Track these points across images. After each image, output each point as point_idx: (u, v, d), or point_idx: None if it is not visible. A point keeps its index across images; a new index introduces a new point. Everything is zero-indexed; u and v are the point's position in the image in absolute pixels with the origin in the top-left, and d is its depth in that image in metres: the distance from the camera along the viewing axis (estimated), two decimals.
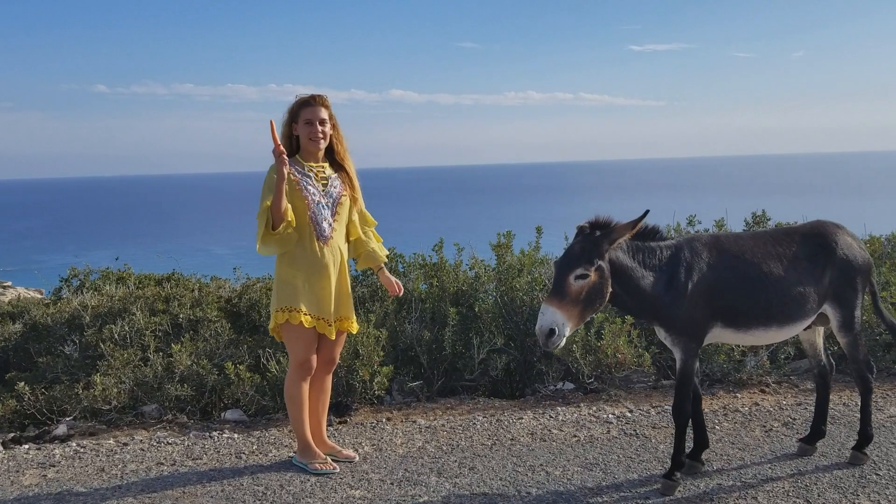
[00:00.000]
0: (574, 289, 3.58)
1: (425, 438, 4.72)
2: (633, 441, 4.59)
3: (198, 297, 6.50)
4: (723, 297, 3.83)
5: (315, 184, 4.12)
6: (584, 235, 3.69)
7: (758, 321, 3.90)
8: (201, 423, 5.21)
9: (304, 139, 4.14)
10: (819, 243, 4.04)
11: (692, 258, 3.82)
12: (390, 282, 4.43)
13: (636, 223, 3.71)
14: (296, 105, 4.13)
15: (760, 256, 3.92)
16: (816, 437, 4.34)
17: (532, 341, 5.89)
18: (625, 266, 3.73)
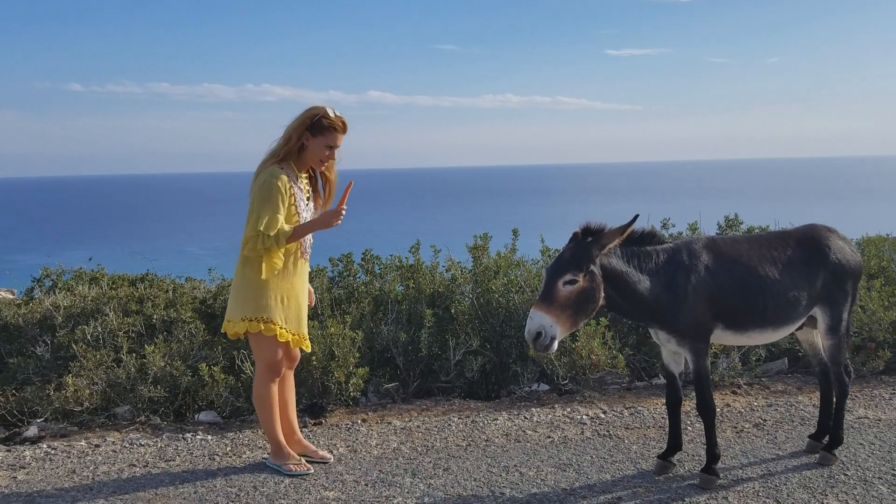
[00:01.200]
0: (562, 294, 3.62)
1: (400, 440, 4.73)
2: (607, 442, 4.63)
3: (172, 298, 6.44)
4: (723, 299, 3.89)
5: (303, 199, 4.08)
6: (575, 242, 3.73)
7: (754, 323, 3.98)
8: (175, 424, 5.18)
9: (314, 157, 4.04)
10: (812, 247, 4.13)
11: (691, 261, 3.88)
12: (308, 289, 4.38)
13: (625, 228, 3.75)
14: (325, 122, 3.98)
15: (757, 259, 4.00)
16: (824, 435, 4.41)
17: (508, 343, 5.91)
18: (619, 271, 3.77)
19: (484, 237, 6.27)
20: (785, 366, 6.23)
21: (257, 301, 3.97)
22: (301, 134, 4.00)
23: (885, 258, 6.96)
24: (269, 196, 3.86)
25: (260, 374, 4.13)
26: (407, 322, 5.90)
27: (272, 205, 3.86)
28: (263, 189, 3.88)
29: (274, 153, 4.02)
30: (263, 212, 3.85)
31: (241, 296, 4.01)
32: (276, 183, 3.87)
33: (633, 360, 6.03)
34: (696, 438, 4.64)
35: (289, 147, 4.00)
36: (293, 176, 4.02)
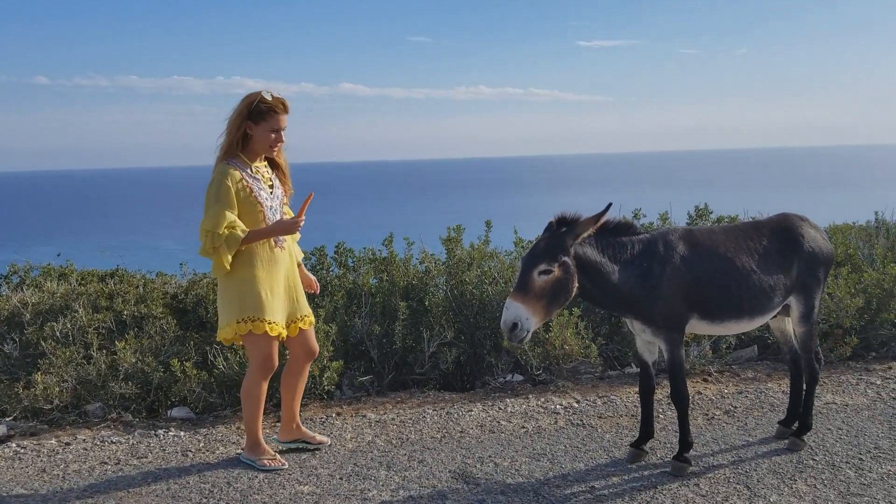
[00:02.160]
0: (538, 284, 3.63)
1: (375, 432, 4.73)
2: (580, 431, 4.67)
3: (143, 294, 6.37)
4: (699, 290, 3.92)
5: (264, 187, 4.02)
6: (549, 232, 3.75)
7: (730, 313, 4.02)
8: (147, 421, 5.13)
9: (262, 144, 3.98)
10: (786, 237, 4.18)
11: (666, 252, 3.89)
12: (308, 279, 4.42)
13: (599, 217, 3.77)
14: (263, 106, 3.91)
15: (733, 250, 4.03)
16: (794, 420, 4.46)
17: (482, 334, 5.93)
18: (592, 261, 3.78)
19: (457, 229, 6.27)
20: (755, 353, 6.32)
21: (243, 301, 3.92)
22: (241, 124, 3.94)
23: (852, 246, 7.08)
24: (218, 195, 3.84)
25: (252, 371, 4.09)
26: (381, 315, 5.89)
27: (221, 203, 3.83)
28: (212, 188, 3.87)
29: (222, 150, 3.98)
30: (212, 211, 3.84)
31: (226, 300, 3.99)
32: (225, 181, 3.85)
33: (606, 350, 6.08)
34: (668, 426, 4.70)
35: (232, 140, 3.94)
36: (245, 168, 3.97)
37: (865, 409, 4.88)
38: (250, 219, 3.94)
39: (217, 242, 3.82)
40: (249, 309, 3.92)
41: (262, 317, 3.93)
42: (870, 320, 6.16)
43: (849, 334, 6.01)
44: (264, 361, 4.05)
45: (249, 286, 3.92)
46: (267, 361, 4.06)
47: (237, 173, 3.91)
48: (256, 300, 3.92)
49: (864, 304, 6.09)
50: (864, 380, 5.50)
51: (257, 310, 3.92)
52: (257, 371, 4.08)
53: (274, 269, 4.02)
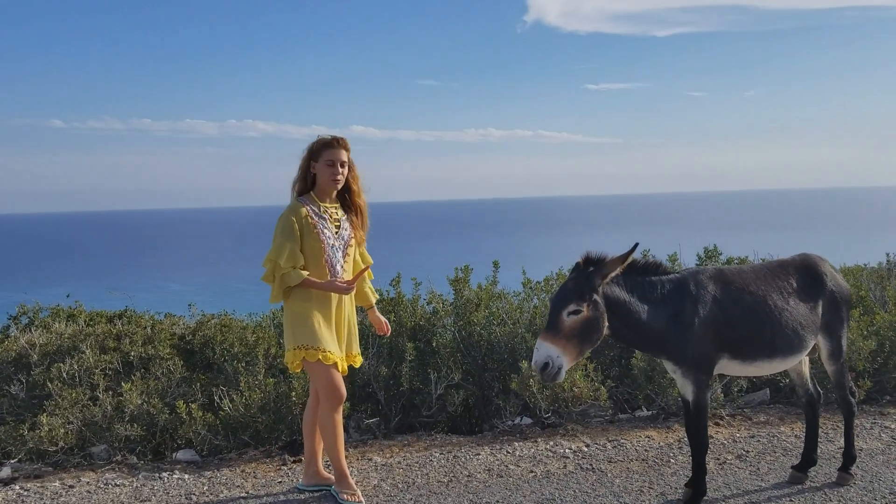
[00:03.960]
0: (567, 324, 3.64)
1: (381, 476, 4.66)
2: (590, 476, 4.60)
3: (150, 335, 6.37)
4: (730, 329, 3.92)
5: (329, 226, 4.24)
6: (577, 272, 3.76)
7: (763, 353, 4.02)
8: (152, 463, 5.08)
9: (325, 179, 4.24)
10: (810, 276, 4.21)
11: (698, 291, 3.90)
12: (379, 321, 4.63)
13: (626, 257, 3.78)
14: (318, 145, 4.22)
15: (763, 290, 4.05)
16: (808, 465, 4.43)
17: (490, 376, 5.88)
18: (621, 300, 3.79)
19: (465, 269, 6.26)
20: (767, 396, 6.23)
21: (297, 331, 4.14)
22: (307, 165, 4.26)
23: (864, 287, 7.02)
24: (284, 228, 4.11)
25: (322, 402, 4.23)
26: (388, 356, 5.86)
27: (286, 236, 4.10)
28: (280, 222, 4.16)
29: (295, 189, 4.31)
30: (277, 242, 4.11)
31: (286, 330, 4.22)
32: (291, 216, 4.13)
33: (616, 393, 6.01)
34: (679, 471, 4.61)
35: (301, 180, 4.28)
36: (314, 206, 4.22)
37: (880, 454, 4.79)
38: (311, 253, 4.16)
39: (277, 272, 4.07)
40: (303, 338, 4.12)
41: (316, 346, 4.10)
42: (883, 363, 6.08)
43: (862, 377, 5.92)
44: (329, 390, 4.17)
45: (303, 318, 4.14)
46: (332, 389, 4.18)
47: (304, 210, 4.17)
48: (309, 330, 4.12)
49: (877, 346, 6.02)
50: (878, 424, 5.41)
51: (310, 339, 4.11)
52: (325, 402, 4.21)
53: (328, 303, 4.21)
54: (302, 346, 4.11)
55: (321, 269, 4.17)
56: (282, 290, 4.10)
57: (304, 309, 4.14)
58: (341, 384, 4.21)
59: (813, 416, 4.46)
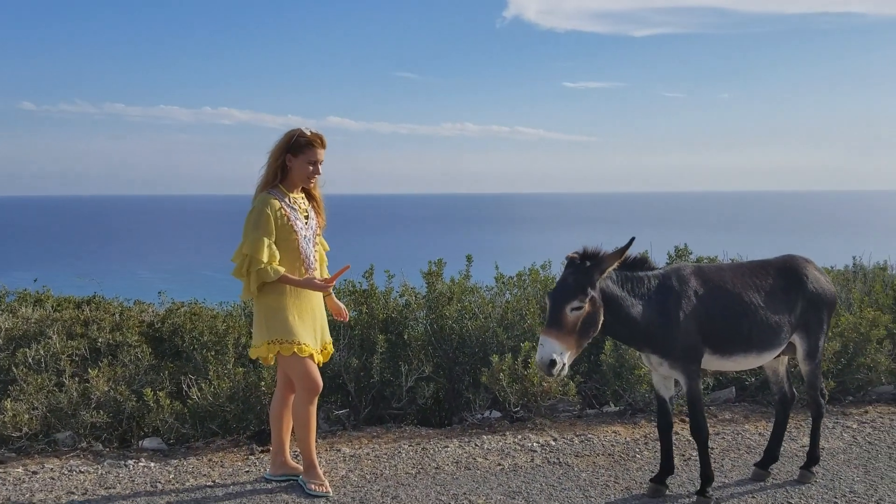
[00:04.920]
0: (570, 319, 3.66)
1: (349, 467, 4.67)
2: (556, 469, 4.64)
3: (118, 321, 6.30)
4: (711, 324, 4.00)
5: (301, 217, 4.22)
6: (574, 266, 3.77)
7: (740, 348, 4.10)
8: (118, 451, 5.03)
9: (300, 175, 4.22)
10: (791, 277, 4.30)
11: (681, 286, 3.98)
12: (338, 307, 4.56)
13: (623, 251, 3.83)
14: (302, 140, 4.17)
15: (741, 287, 4.14)
16: (770, 462, 4.52)
17: (461, 369, 5.90)
18: (615, 295, 3.84)
19: (438, 263, 6.26)
20: (732, 395, 6.32)
21: (271, 325, 4.11)
22: (281, 156, 4.19)
23: None
24: (258, 222, 4.06)
25: (298, 392, 4.22)
26: (359, 348, 5.85)
27: (261, 230, 4.04)
28: (252, 216, 4.09)
29: (263, 180, 4.23)
30: (251, 237, 4.04)
31: (257, 323, 4.19)
32: (265, 210, 4.07)
33: (584, 388, 6.06)
34: (645, 466, 4.67)
35: (273, 171, 4.20)
36: (284, 198, 4.19)
37: (841, 454, 4.88)
38: (285, 245, 4.13)
39: (253, 267, 4.02)
40: (277, 331, 4.10)
41: (291, 339, 4.09)
42: (846, 364, 6.19)
43: (826, 378, 6.03)
44: (306, 382, 4.16)
45: (277, 311, 4.11)
46: (309, 381, 4.17)
47: (276, 202, 4.13)
48: (284, 324, 4.10)
49: (841, 348, 6.13)
50: (840, 423, 5.51)
51: (285, 332, 4.09)
52: (302, 392, 4.20)
53: (302, 296, 4.19)
54: (276, 340, 4.09)
55: (296, 262, 4.16)
56: (256, 286, 4.06)
57: (277, 302, 4.11)
58: (318, 376, 4.21)
59: (783, 414, 4.56)
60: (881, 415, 5.72)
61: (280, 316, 4.10)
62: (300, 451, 4.31)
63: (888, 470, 4.56)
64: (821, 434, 4.53)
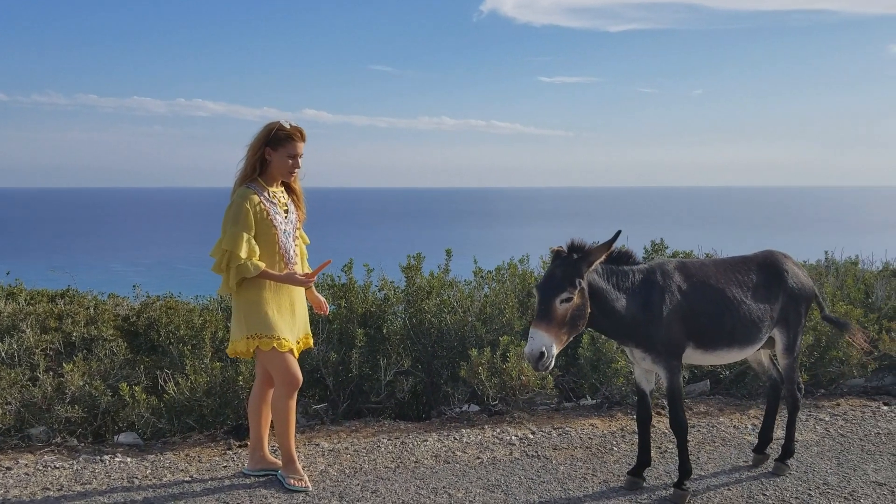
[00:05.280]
0: (560, 312, 3.67)
1: (328, 461, 4.66)
2: (535, 462, 4.66)
3: (93, 315, 6.23)
4: (694, 319, 4.04)
5: (280, 211, 4.18)
6: (562, 259, 3.78)
7: (722, 342, 4.16)
8: (93, 446, 4.98)
9: (280, 169, 4.17)
10: (772, 272, 4.36)
11: (665, 281, 4.01)
12: (318, 300, 4.52)
13: (610, 244, 3.84)
14: (282, 134, 4.11)
15: (724, 282, 4.19)
16: (765, 445, 4.63)
17: (440, 363, 5.91)
18: (600, 288, 3.86)
19: (417, 257, 6.26)
20: (707, 387, 6.39)
21: (250, 320, 4.07)
22: (260, 150, 4.13)
23: None
24: (237, 217, 4.01)
25: (278, 387, 4.18)
26: (338, 342, 5.84)
27: (240, 225, 4.00)
28: (231, 210, 4.04)
29: (241, 174, 4.17)
30: (231, 232, 4.00)
31: (236, 318, 4.15)
32: (244, 204, 4.02)
33: (562, 382, 6.10)
34: (622, 458, 4.71)
35: (252, 164, 4.15)
36: (263, 192, 4.14)
37: (815, 446, 4.96)
38: (265, 240, 4.08)
39: (232, 263, 3.98)
40: (256, 326, 4.06)
41: (270, 334, 4.05)
42: (819, 357, 6.29)
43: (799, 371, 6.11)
44: (285, 376, 4.14)
45: (256, 306, 4.06)
46: (289, 376, 4.14)
47: (256, 197, 4.08)
48: (263, 318, 4.06)
49: (814, 341, 6.22)
50: (813, 416, 5.59)
51: (264, 327, 4.06)
52: (281, 387, 4.16)
53: (281, 290, 4.15)
54: (255, 334, 4.06)
55: (275, 257, 4.12)
56: (236, 281, 4.02)
57: (256, 297, 4.08)
58: (297, 370, 4.19)
59: (774, 399, 4.66)
60: (853, 407, 5.81)
61: (259, 310, 4.06)
62: (279, 445, 4.29)
63: (860, 462, 4.64)
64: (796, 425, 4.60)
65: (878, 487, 4.24)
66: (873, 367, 6.41)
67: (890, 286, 7.24)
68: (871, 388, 6.45)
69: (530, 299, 6.31)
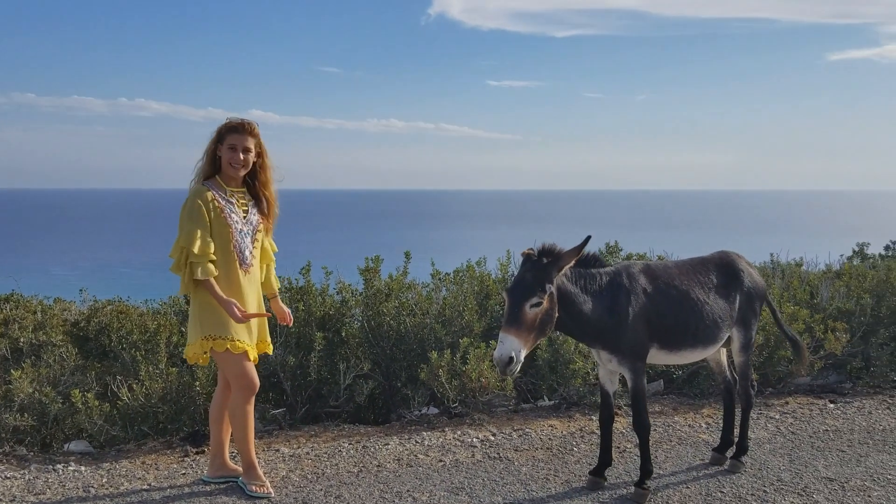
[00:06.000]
0: (529, 316, 3.68)
1: (289, 467, 4.60)
2: (497, 464, 4.68)
3: (41, 320, 6.06)
4: (659, 320, 4.10)
5: (237, 210, 4.11)
6: (532, 263, 3.79)
7: (686, 343, 4.23)
8: (41, 455, 4.83)
9: (226, 163, 4.11)
10: (729, 272, 4.47)
11: (631, 284, 4.06)
12: (282, 311, 4.48)
13: (580, 249, 3.87)
14: (224, 128, 4.10)
15: (687, 284, 4.27)
16: (726, 446, 4.70)
17: (398, 366, 5.89)
18: (568, 292, 3.89)
19: (376, 259, 6.23)
20: (661, 387, 6.50)
21: (205, 320, 4.00)
22: (214, 147, 4.12)
23: None
24: (191, 214, 3.96)
25: (235, 391, 4.10)
26: (296, 346, 5.78)
27: (194, 222, 3.94)
28: (185, 208, 4.00)
29: (198, 172, 4.14)
30: (186, 229, 3.94)
31: (192, 320, 4.08)
32: (196, 200, 3.98)
33: (520, 383, 6.14)
34: (582, 459, 4.76)
35: (207, 162, 4.12)
36: (220, 190, 4.09)
37: (767, 443, 5.08)
38: (219, 237, 4.01)
39: (192, 259, 3.91)
40: (211, 327, 4.00)
41: (224, 335, 3.99)
42: (768, 357, 6.45)
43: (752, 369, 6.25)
44: (242, 380, 4.07)
45: (211, 307, 4.00)
46: (245, 380, 4.07)
47: (209, 193, 4.03)
48: (218, 319, 4.00)
49: (763, 341, 6.38)
50: (763, 414, 5.73)
51: (218, 328, 3.99)
52: (238, 392, 4.09)
53: (237, 292, 4.07)
54: (209, 336, 4.00)
55: (229, 255, 4.05)
56: (192, 281, 3.95)
57: (212, 302, 4.00)
58: (254, 374, 4.13)
59: (730, 400, 4.76)
60: (801, 405, 5.98)
61: (215, 311, 4.00)
62: (239, 451, 4.22)
63: (811, 458, 4.77)
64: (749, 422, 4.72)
65: (829, 483, 4.37)
66: (819, 366, 6.61)
67: (833, 287, 7.47)
68: (817, 386, 6.65)
69: (489, 301, 6.34)
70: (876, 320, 6.98)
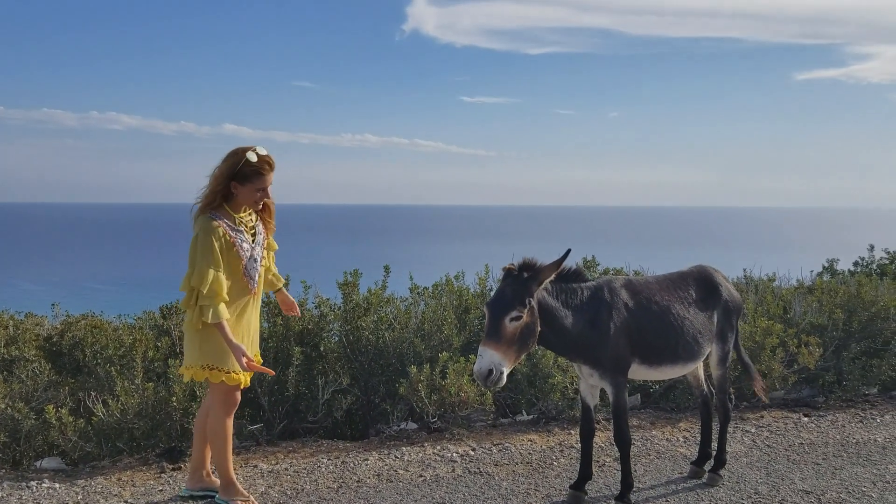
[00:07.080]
0: (509, 330, 3.69)
1: (268, 483, 4.56)
2: (478, 479, 4.67)
3: (13, 335, 5.95)
4: (640, 335, 4.11)
5: (246, 237, 4.04)
6: (512, 277, 3.80)
7: (667, 358, 4.25)
8: (13, 472, 4.74)
9: (247, 202, 4.01)
10: (708, 287, 4.50)
11: (612, 298, 4.07)
12: (289, 301, 4.56)
13: (559, 263, 3.88)
14: (249, 169, 3.90)
15: (668, 299, 4.28)
16: (704, 460, 4.72)
17: (376, 381, 5.86)
18: (549, 306, 3.89)
19: (355, 273, 6.20)
20: (638, 402, 6.54)
21: (205, 349, 3.96)
22: (225, 182, 3.93)
23: None
24: (204, 252, 3.84)
25: (215, 409, 4.08)
26: (273, 360, 5.73)
27: (208, 261, 3.84)
28: (197, 245, 3.87)
29: (204, 202, 3.96)
30: (199, 268, 3.84)
31: (191, 344, 4.02)
32: (210, 238, 3.86)
33: (498, 397, 6.14)
34: (562, 473, 4.77)
35: (214, 194, 3.94)
36: (230, 220, 3.98)
37: (744, 457, 5.13)
38: (230, 268, 3.94)
39: (202, 301, 3.82)
40: (211, 357, 3.96)
41: (222, 367, 3.97)
42: (742, 371, 6.50)
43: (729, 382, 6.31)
44: (225, 399, 4.07)
45: (213, 336, 3.93)
46: (229, 399, 4.08)
47: (220, 228, 3.90)
48: (218, 349, 3.95)
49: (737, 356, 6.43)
50: (739, 428, 5.78)
51: (219, 360, 3.97)
52: (220, 408, 4.07)
53: (241, 317, 4.06)
54: (208, 365, 3.97)
55: (239, 283, 4.01)
56: (200, 318, 3.86)
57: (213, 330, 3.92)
58: (237, 394, 4.12)
59: (707, 414, 4.78)
60: (776, 419, 6.04)
61: (216, 340, 3.93)
62: (217, 467, 4.17)
63: (787, 471, 4.82)
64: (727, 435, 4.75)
65: (805, 495, 4.42)
66: (793, 380, 6.69)
67: (806, 302, 7.57)
68: (791, 399, 6.72)
69: (468, 315, 6.34)
70: (847, 335, 7.09)
